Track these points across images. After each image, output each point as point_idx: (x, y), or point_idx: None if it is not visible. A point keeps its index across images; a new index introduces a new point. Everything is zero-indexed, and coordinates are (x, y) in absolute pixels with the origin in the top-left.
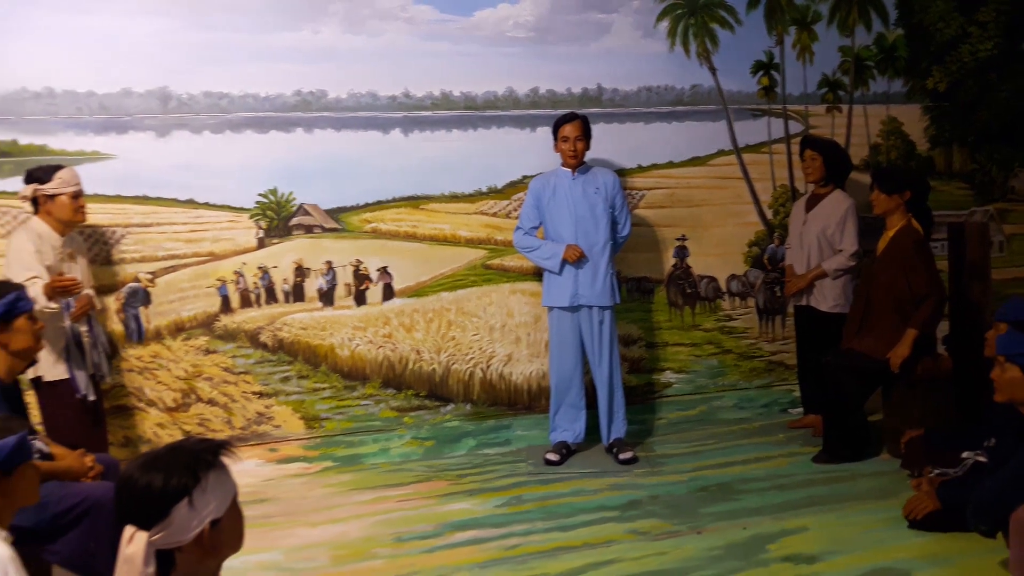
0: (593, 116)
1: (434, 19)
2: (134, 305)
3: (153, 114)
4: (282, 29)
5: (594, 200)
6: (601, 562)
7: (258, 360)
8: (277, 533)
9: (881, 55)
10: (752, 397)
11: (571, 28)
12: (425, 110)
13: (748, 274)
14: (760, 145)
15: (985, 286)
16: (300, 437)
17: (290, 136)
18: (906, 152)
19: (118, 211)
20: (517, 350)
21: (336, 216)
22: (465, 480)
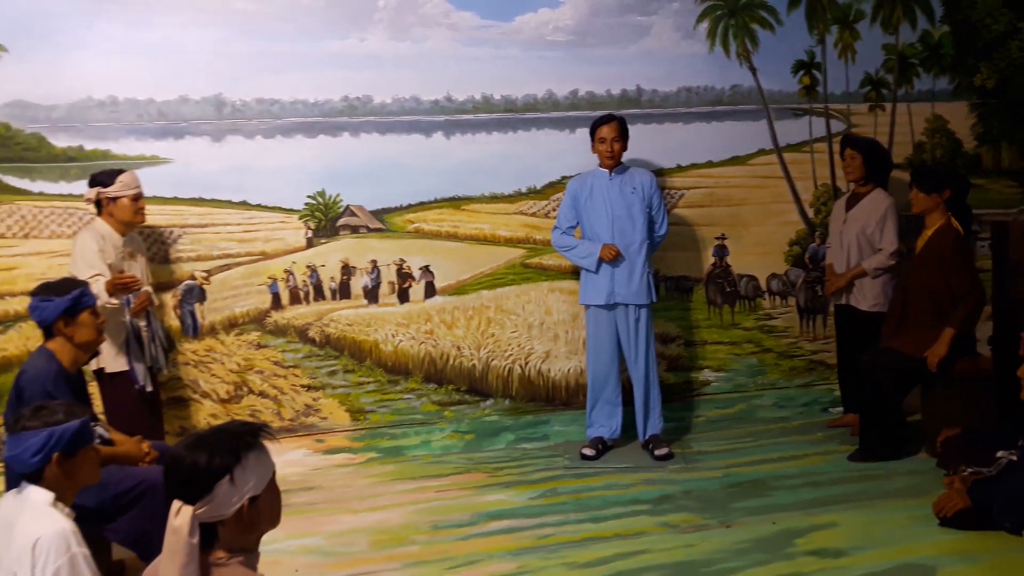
0: (632, 117)
1: (476, 25)
2: (190, 301)
3: (208, 120)
4: (330, 37)
5: (631, 200)
6: (630, 552)
7: (306, 355)
8: (321, 519)
9: (926, 52)
10: (792, 396)
11: (610, 31)
12: (466, 113)
13: (789, 273)
14: (801, 144)
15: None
16: (346, 429)
17: (337, 140)
18: (952, 150)
19: (175, 212)
20: (555, 347)
21: (381, 217)
22: (502, 473)
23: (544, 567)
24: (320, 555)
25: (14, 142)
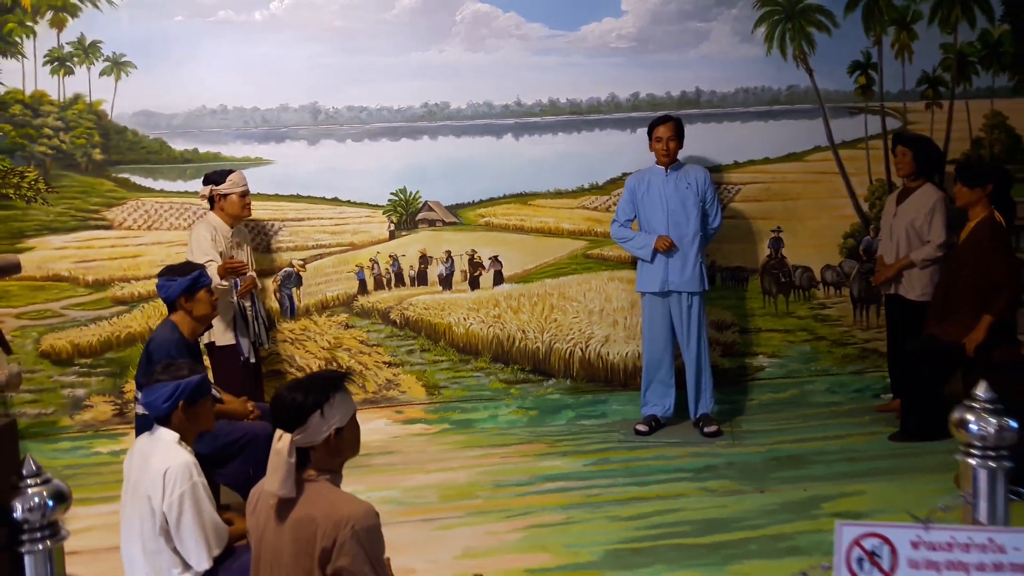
0: (691, 117)
1: (544, 35)
2: (288, 286)
3: (305, 126)
4: (412, 50)
5: (685, 195)
6: (667, 510)
7: (388, 335)
8: (398, 477)
9: (985, 51)
10: (845, 382)
11: (671, 37)
12: (534, 116)
13: (843, 265)
14: (857, 141)
15: None
16: (422, 402)
17: (417, 143)
18: (1011, 146)
19: (276, 208)
20: (614, 332)
21: (455, 211)
22: (561, 444)
23: (589, 519)
24: (395, 504)
25: (140, 146)
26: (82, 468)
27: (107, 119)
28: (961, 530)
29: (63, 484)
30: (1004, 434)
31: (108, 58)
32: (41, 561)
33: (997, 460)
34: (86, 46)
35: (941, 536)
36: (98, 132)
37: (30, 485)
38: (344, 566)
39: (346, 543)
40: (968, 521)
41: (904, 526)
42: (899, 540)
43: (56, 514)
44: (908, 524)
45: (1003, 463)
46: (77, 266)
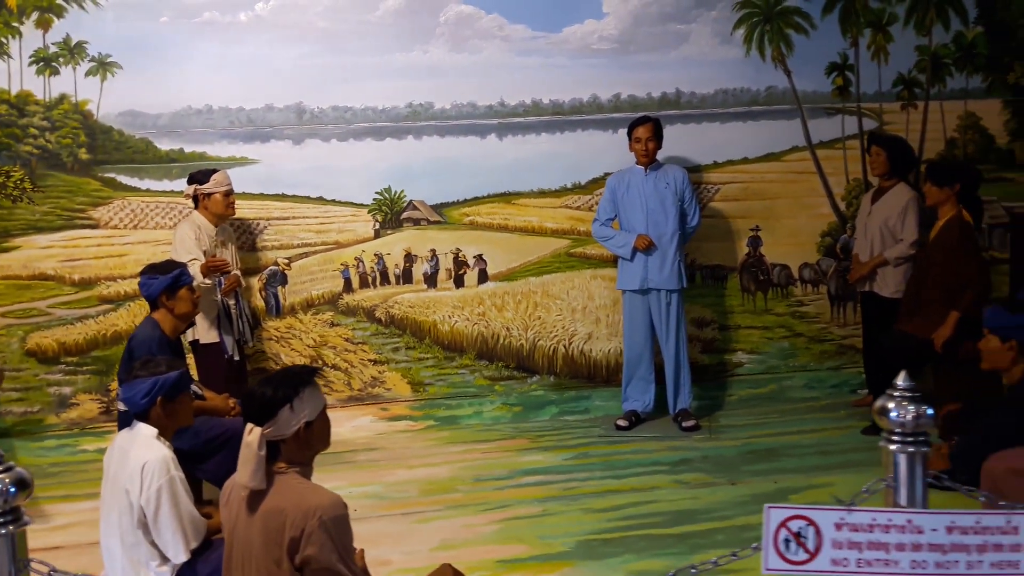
0: (671, 118)
1: (527, 36)
2: (273, 285)
3: (290, 125)
4: (396, 51)
5: (664, 194)
6: (641, 502)
7: (373, 332)
8: (381, 472)
9: (959, 53)
10: (822, 378)
11: (652, 39)
12: (517, 117)
13: (820, 263)
14: (834, 141)
15: None
16: (407, 399)
17: (402, 142)
18: (984, 146)
19: (261, 207)
20: (597, 329)
21: (439, 210)
22: (543, 439)
23: (565, 511)
24: (377, 499)
25: (126, 146)
26: (68, 466)
27: (93, 119)
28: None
29: (25, 472)
30: (921, 421)
31: (94, 58)
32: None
33: (916, 446)
34: (72, 46)
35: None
36: (84, 132)
37: None
38: (312, 555)
39: (314, 532)
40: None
41: (828, 509)
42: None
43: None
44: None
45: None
46: (63, 265)
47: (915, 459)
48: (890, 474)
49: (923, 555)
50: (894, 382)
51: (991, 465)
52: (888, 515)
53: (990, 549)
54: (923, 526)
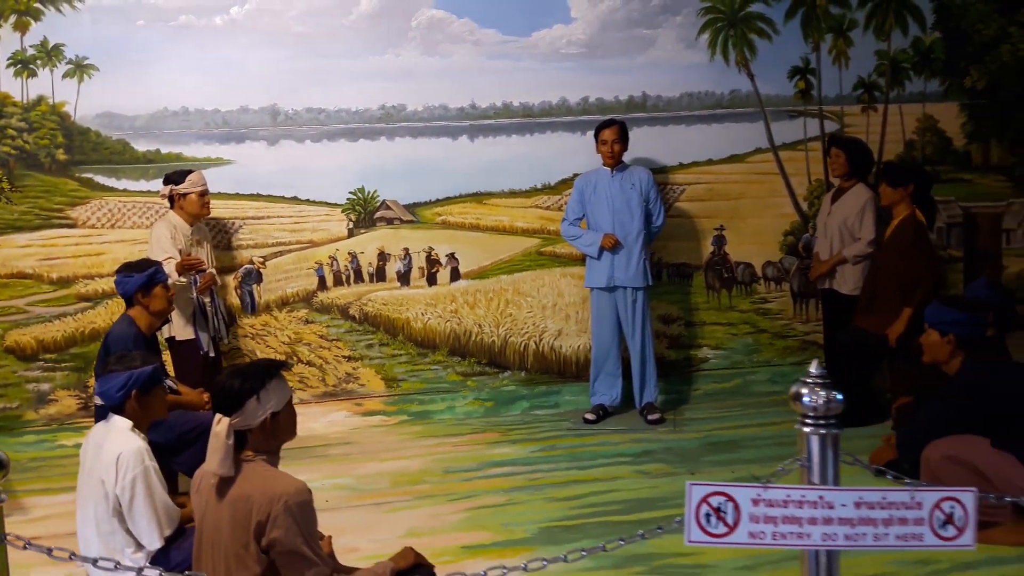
0: (638, 120)
1: (497, 40)
2: (249, 283)
3: (265, 127)
4: (370, 54)
5: (630, 195)
6: (602, 491)
7: (347, 329)
8: (353, 465)
9: (917, 57)
10: (786, 373)
11: (619, 43)
12: (488, 119)
13: (783, 261)
14: (796, 143)
15: (996, 271)
16: (381, 394)
17: (375, 143)
18: (942, 147)
19: (236, 206)
20: (567, 326)
21: (412, 210)
22: (513, 432)
23: (529, 500)
24: (348, 491)
25: (103, 147)
26: (47, 460)
27: (70, 120)
28: (795, 489)
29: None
30: (831, 406)
31: (71, 61)
32: None
33: (827, 428)
34: (49, 49)
35: (778, 494)
36: (61, 133)
37: None
38: (277, 538)
39: (279, 516)
40: (803, 482)
41: (746, 486)
42: (741, 498)
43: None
44: (750, 484)
45: (832, 431)
46: (41, 263)
47: (827, 441)
48: (804, 455)
49: (833, 528)
50: (807, 370)
51: (928, 453)
52: (801, 492)
53: (895, 523)
54: (834, 502)
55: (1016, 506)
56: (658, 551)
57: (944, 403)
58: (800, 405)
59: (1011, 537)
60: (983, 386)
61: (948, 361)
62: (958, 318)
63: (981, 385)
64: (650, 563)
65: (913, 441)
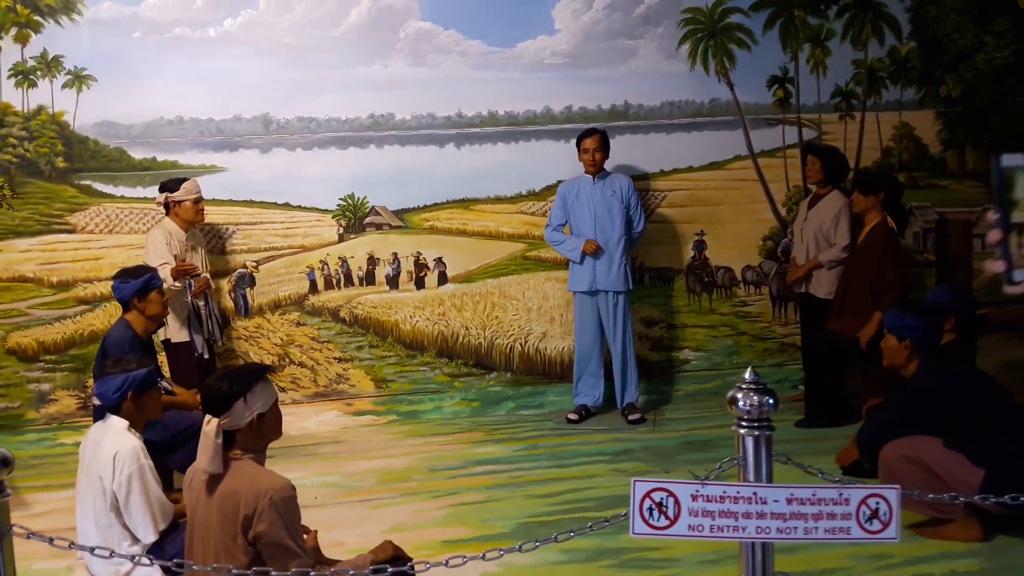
0: (620, 128)
1: (483, 51)
2: (242, 286)
3: (258, 135)
4: (359, 64)
5: (611, 202)
6: (580, 488)
7: (338, 332)
8: (342, 463)
9: (894, 66)
10: (765, 374)
11: (601, 54)
12: (475, 127)
13: (762, 265)
14: (775, 151)
15: (967, 275)
16: (371, 395)
17: (365, 151)
18: (918, 154)
19: (230, 212)
20: (551, 328)
21: (401, 216)
22: (498, 432)
23: (509, 497)
24: (337, 488)
25: (101, 155)
26: (47, 458)
27: (69, 129)
28: (732, 486)
29: (7, 451)
30: (763, 409)
31: (70, 72)
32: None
33: (760, 430)
34: (49, 60)
35: (715, 490)
36: (61, 141)
37: None
38: (263, 530)
39: (264, 511)
40: (739, 479)
41: (686, 483)
42: (682, 494)
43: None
44: (689, 481)
45: (765, 432)
46: (42, 268)
47: (760, 441)
48: (739, 454)
49: (767, 522)
50: (742, 376)
51: (886, 453)
52: (737, 488)
53: (824, 517)
54: (767, 498)
55: (967, 504)
56: (629, 546)
57: (900, 405)
58: (736, 409)
59: (962, 533)
60: (936, 389)
61: (905, 365)
62: (914, 323)
63: (935, 388)
64: (620, 557)
65: (872, 441)
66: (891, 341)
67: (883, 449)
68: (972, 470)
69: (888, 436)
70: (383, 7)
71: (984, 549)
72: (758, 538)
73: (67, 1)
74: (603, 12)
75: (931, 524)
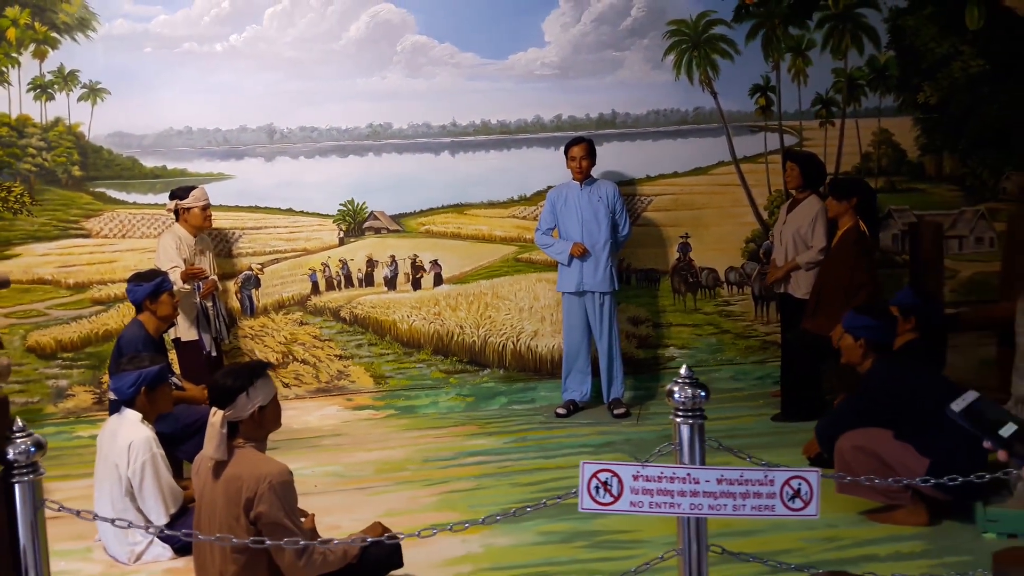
0: (608, 136)
1: (476, 63)
2: (248, 288)
3: (262, 144)
4: (358, 76)
5: (597, 207)
6: (563, 477)
7: (339, 330)
8: (342, 454)
9: (873, 75)
10: (748, 371)
11: (590, 64)
12: (468, 136)
13: (745, 266)
14: (757, 156)
15: (938, 277)
16: (370, 391)
17: (364, 159)
18: (897, 160)
19: (236, 217)
20: (542, 327)
21: (398, 220)
22: (490, 425)
23: (496, 485)
24: (336, 477)
25: (115, 164)
26: (65, 450)
27: (85, 139)
28: (668, 467)
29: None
30: (696, 400)
31: (85, 85)
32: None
33: (693, 419)
34: (65, 75)
35: (654, 471)
36: (77, 151)
37: (18, 437)
38: (263, 511)
39: (264, 494)
40: (675, 462)
41: (628, 464)
42: (624, 474)
43: (36, 457)
44: (631, 463)
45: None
46: (59, 271)
47: (694, 429)
48: (676, 440)
49: (699, 500)
50: (679, 372)
51: (840, 444)
52: (673, 470)
53: (751, 496)
54: (699, 478)
55: (915, 492)
56: (602, 529)
57: (854, 399)
58: (672, 400)
59: (910, 518)
60: (888, 385)
61: (861, 362)
62: (869, 324)
63: (885, 385)
64: (593, 539)
65: (828, 432)
66: (848, 340)
67: (839, 440)
68: (919, 460)
69: (843, 428)
70: (381, 22)
71: (929, 532)
72: (692, 514)
73: (82, 19)
74: (591, 25)
75: (882, 511)
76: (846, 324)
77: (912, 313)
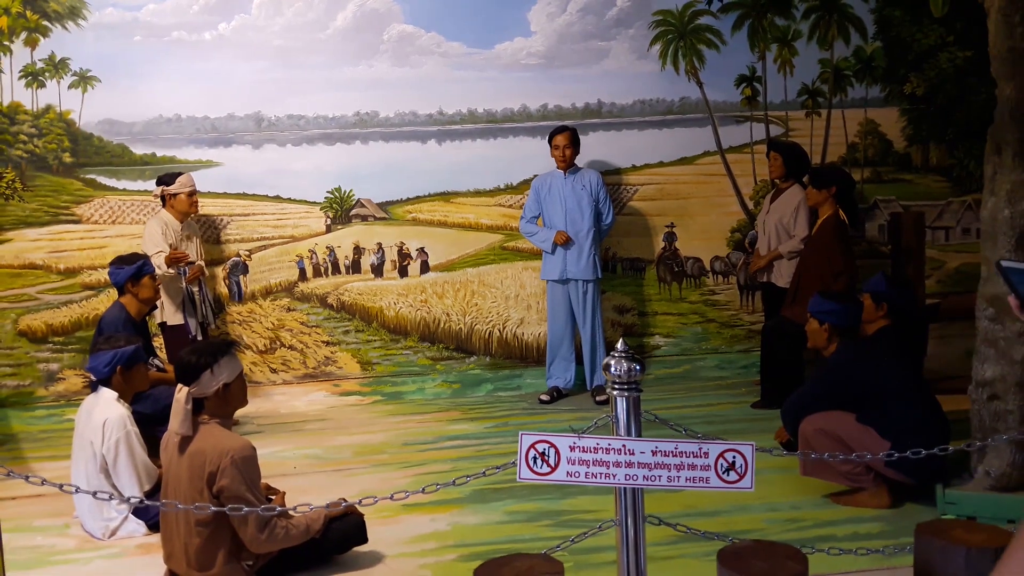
0: (593, 126)
1: (463, 52)
2: (236, 274)
3: (250, 132)
4: (345, 65)
5: (581, 195)
6: None
7: (326, 317)
8: (322, 438)
9: (859, 65)
10: (732, 359)
11: (576, 54)
12: (455, 124)
13: (730, 256)
14: (743, 146)
15: (919, 266)
16: (357, 377)
17: (351, 147)
18: (883, 150)
19: (224, 204)
20: (528, 315)
21: (385, 208)
22: (474, 412)
23: (472, 468)
24: (315, 459)
25: (105, 151)
26: (55, 432)
27: (75, 127)
28: (604, 439)
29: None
30: (632, 374)
31: (76, 73)
32: None
33: (629, 392)
34: (56, 63)
35: (590, 443)
36: (67, 138)
37: None
38: (225, 485)
39: (226, 468)
40: (611, 434)
41: (565, 436)
42: (561, 445)
43: None
44: (567, 434)
45: (633, 394)
46: (50, 256)
47: (629, 401)
48: (612, 412)
49: (634, 471)
50: (615, 346)
51: (804, 426)
52: (608, 441)
53: (686, 468)
54: (634, 449)
55: (876, 474)
56: (569, 509)
57: (816, 382)
58: (609, 373)
59: (873, 500)
60: (849, 369)
61: (826, 346)
62: (833, 308)
63: (847, 368)
64: (558, 518)
65: (792, 414)
66: (814, 325)
67: (802, 423)
68: (880, 442)
69: (806, 410)
70: (368, 11)
71: (890, 515)
72: (627, 484)
73: (73, 7)
74: (577, 15)
75: (846, 494)
76: (811, 308)
77: (883, 300)
